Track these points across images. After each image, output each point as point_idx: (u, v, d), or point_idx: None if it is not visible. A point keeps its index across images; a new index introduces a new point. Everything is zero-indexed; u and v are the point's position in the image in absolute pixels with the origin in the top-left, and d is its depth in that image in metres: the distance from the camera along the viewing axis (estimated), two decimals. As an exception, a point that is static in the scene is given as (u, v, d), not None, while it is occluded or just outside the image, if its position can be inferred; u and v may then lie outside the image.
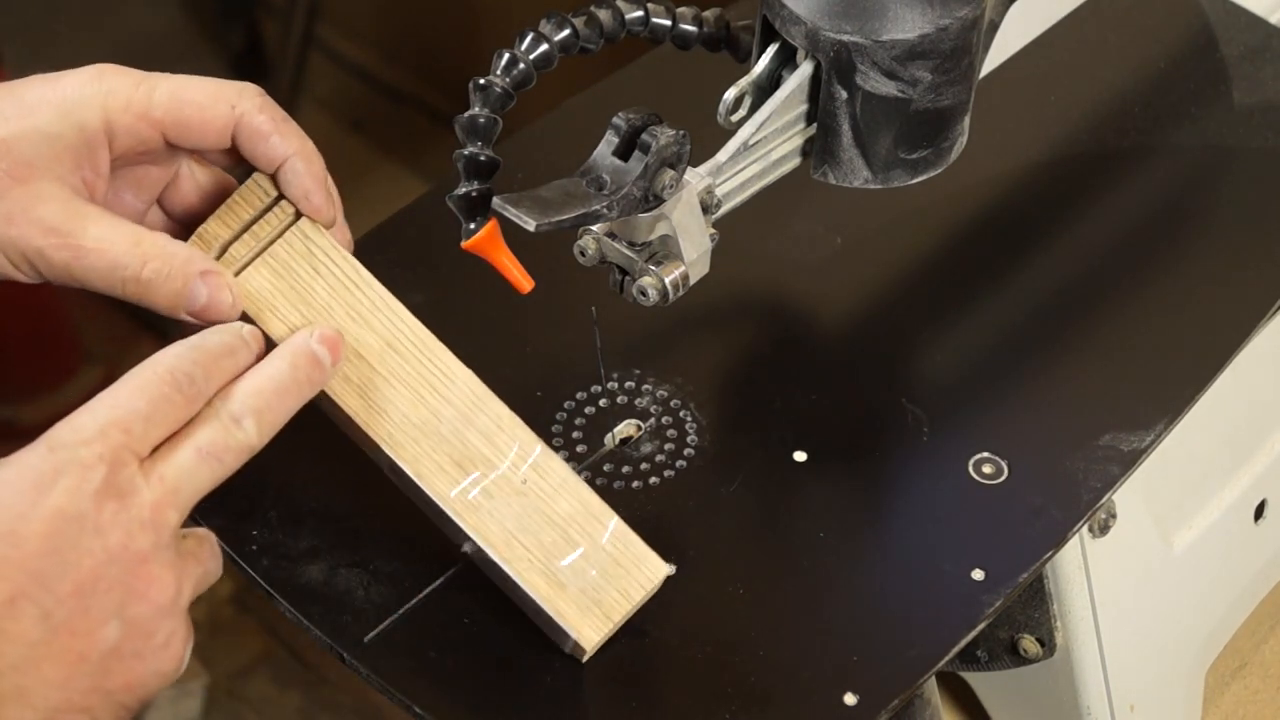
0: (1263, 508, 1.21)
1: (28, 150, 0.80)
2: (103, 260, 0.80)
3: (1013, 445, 0.93)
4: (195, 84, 0.83)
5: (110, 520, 0.71)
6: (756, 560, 0.89)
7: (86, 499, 0.71)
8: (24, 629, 0.69)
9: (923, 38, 0.88)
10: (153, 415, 0.74)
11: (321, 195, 0.85)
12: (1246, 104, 1.12)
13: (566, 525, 0.83)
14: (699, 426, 0.94)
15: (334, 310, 0.84)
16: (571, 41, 0.87)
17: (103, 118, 0.81)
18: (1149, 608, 1.12)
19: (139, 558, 0.72)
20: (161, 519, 0.73)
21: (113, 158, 0.83)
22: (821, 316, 1.02)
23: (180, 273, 0.81)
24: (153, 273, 0.80)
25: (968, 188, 1.06)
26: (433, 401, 0.84)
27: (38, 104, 0.81)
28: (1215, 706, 1.25)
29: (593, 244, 0.88)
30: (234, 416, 0.76)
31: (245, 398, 0.77)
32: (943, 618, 0.86)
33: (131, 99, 0.82)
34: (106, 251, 0.80)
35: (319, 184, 0.85)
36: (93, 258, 0.79)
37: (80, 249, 0.79)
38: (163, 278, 0.80)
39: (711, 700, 0.83)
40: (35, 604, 0.69)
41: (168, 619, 0.73)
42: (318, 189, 0.85)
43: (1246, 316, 1.00)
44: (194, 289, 0.81)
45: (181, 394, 0.75)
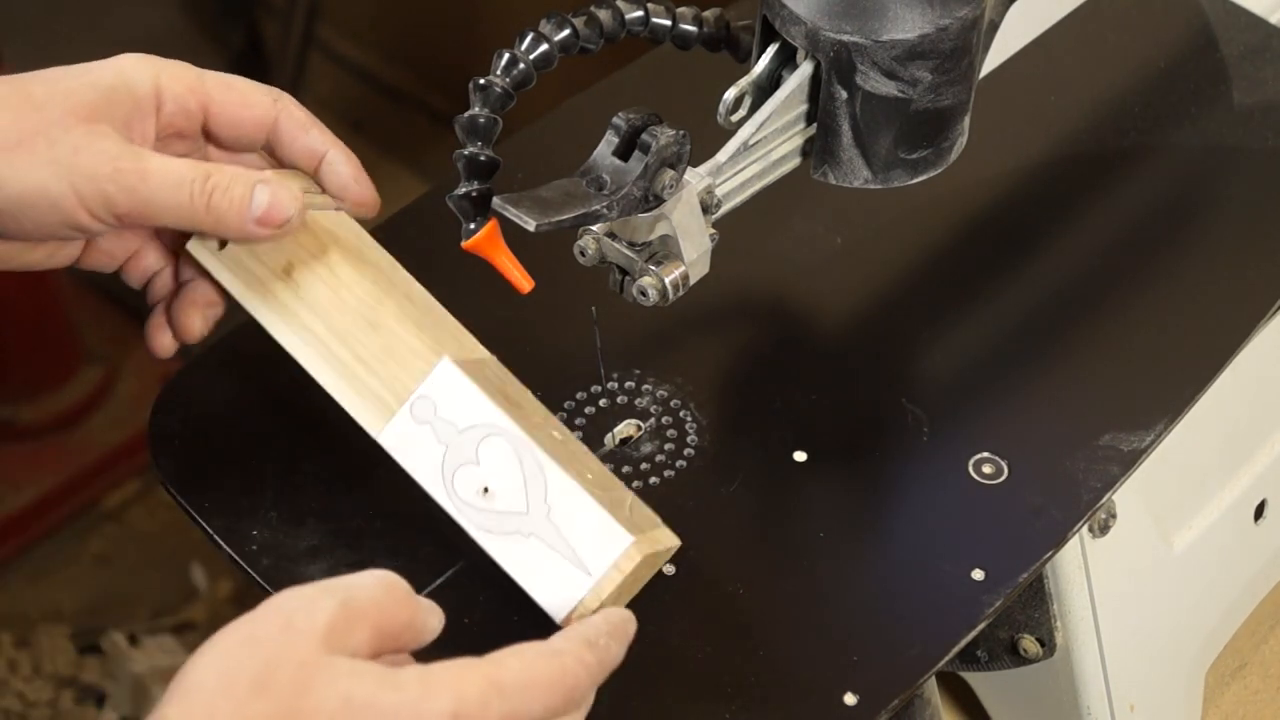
0: (1263, 508, 1.21)
1: (89, 97, 0.84)
2: (169, 178, 0.83)
3: (1013, 445, 0.93)
4: (239, 78, 0.89)
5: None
6: (756, 560, 0.89)
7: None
8: None
9: (923, 38, 0.88)
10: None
11: (365, 182, 0.90)
12: (1246, 104, 1.12)
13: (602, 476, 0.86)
14: (699, 426, 0.94)
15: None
16: (571, 41, 0.87)
17: (155, 85, 0.86)
18: (1149, 608, 1.12)
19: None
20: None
21: (156, 130, 0.86)
22: (821, 316, 1.02)
23: (242, 179, 0.84)
24: (215, 184, 0.83)
25: (968, 188, 1.06)
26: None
27: (92, 69, 0.85)
28: (1215, 706, 1.25)
29: (593, 244, 0.88)
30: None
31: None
32: (943, 618, 0.86)
33: (184, 75, 0.87)
34: (171, 171, 0.83)
35: (360, 172, 0.90)
36: (158, 177, 0.83)
37: (145, 171, 0.83)
38: (224, 186, 0.83)
39: (711, 700, 0.83)
40: None
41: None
42: (361, 176, 0.90)
43: (1246, 316, 1.00)
44: (256, 193, 0.84)
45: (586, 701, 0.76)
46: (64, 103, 0.83)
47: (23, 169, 0.82)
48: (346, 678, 0.69)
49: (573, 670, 0.74)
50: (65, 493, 1.96)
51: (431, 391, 0.85)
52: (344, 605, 0.71)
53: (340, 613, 0.70)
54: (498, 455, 0.84)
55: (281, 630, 0.69)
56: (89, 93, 0.84)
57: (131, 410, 2.00)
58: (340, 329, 0.88)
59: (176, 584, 1.96)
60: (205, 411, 0.94)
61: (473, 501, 0.83)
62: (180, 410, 0.94)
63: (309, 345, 0.87)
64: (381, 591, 0.73)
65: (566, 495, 0.83)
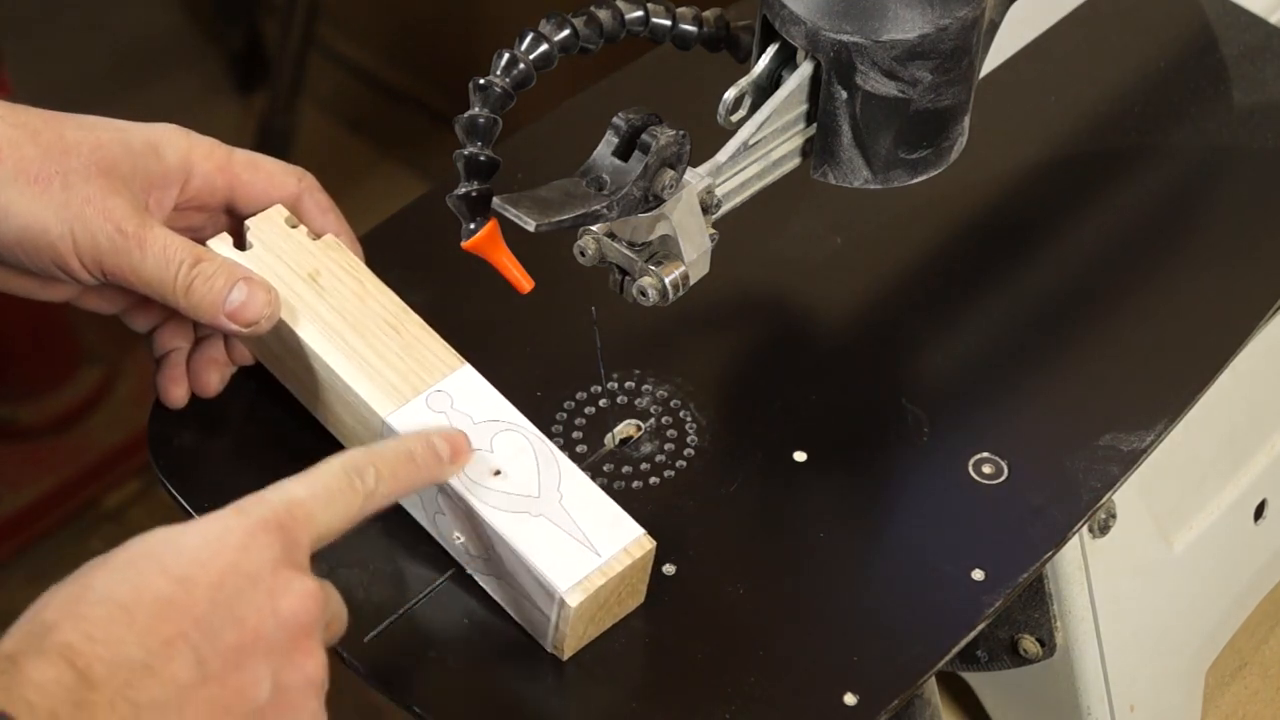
0: (1263, 508, 1.21)
1: (117, 154, 0.87)
2: (161, 254, 0.85)
3: (1013, 445, 0.93)
4: (265, 157, 0.92)
5: (284, 586, 0.72)
6: (756, 560, 0.89)
7: (265, 561, 0.72)
8: (176, 671, 0.68)
9: (923, 38, 0.88)
10: (329, 505, 0.75)
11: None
12: (1246, 104, 1.12)
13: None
14: (699, 426, 0.94)
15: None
16: (571, 41, 0.87)
17: (186, 159, 0.89)
18: (1149, 608, 1.12)
19: (304, 629, 0.72)
20: (324, 600, 0.74)
21: (177, 202, 0.90)
22: (821, 316, 1.02)
23: (226, 273, 0.87)
24: (199, 271, 0.86)
25: (968, 188, 1.06)
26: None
27: (128, 129, 0.88)
28: (1215, 706, 1.25)
29: (593, 244, 0.88)
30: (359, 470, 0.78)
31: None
32: (943, 618, 0.86)
33: (214, 152, 0.90)
34: (165, 248, 0.86)
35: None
36: (152, 250, 0.86)
37: (143, 240, 0.85)
38: (208, 275, 0.86)
39: (711, 700, 0.83)
40: (193, 649, 0.69)
41: (314, 698, 0.73)
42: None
43: (1246, 316, 1.00)
44: (235, 290, 0.86)
45: (355, 492, 0.77)
46: (92, 154, 0.86)
47: (33, 202, 0.84)
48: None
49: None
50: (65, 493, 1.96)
51: (450, 387, 0.86)
52: None
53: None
54: (512, 446, 0.85)
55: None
56: (118, 150, 0.87)
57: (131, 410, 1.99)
58: (362, 327, 0.89)
59: (176, 584, 1.95)
60: (205, 411, 0.94)
61: (482, 481, 0.84)
62: (180, 410, 0.94)
63: (327, 337, 0.88)
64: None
65: (580, 486, 0.84)
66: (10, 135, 0.85)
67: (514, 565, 0.82)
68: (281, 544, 0.72)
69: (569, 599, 0.81)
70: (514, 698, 0.84)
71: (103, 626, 0.68)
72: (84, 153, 0.86)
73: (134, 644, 0.68)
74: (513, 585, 0.83)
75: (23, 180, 0.84)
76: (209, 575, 0.70)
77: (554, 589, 0.81)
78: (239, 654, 0.70)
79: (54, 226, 0.85)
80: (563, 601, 0.81)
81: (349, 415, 0.88)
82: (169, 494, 0.91)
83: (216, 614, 0.70)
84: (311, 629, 0.72)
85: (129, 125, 0.89)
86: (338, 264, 0.91)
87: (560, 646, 0.83)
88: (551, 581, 0.81)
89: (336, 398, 0.88)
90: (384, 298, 0.90)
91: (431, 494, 0.85)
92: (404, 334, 0.89)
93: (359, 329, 0.89)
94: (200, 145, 0.90)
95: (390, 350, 0.88)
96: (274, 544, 0.72)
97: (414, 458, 0.80)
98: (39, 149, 0.85)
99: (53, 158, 0.85)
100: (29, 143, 0.85)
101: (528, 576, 0.82)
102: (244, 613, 0.70)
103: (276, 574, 0.72)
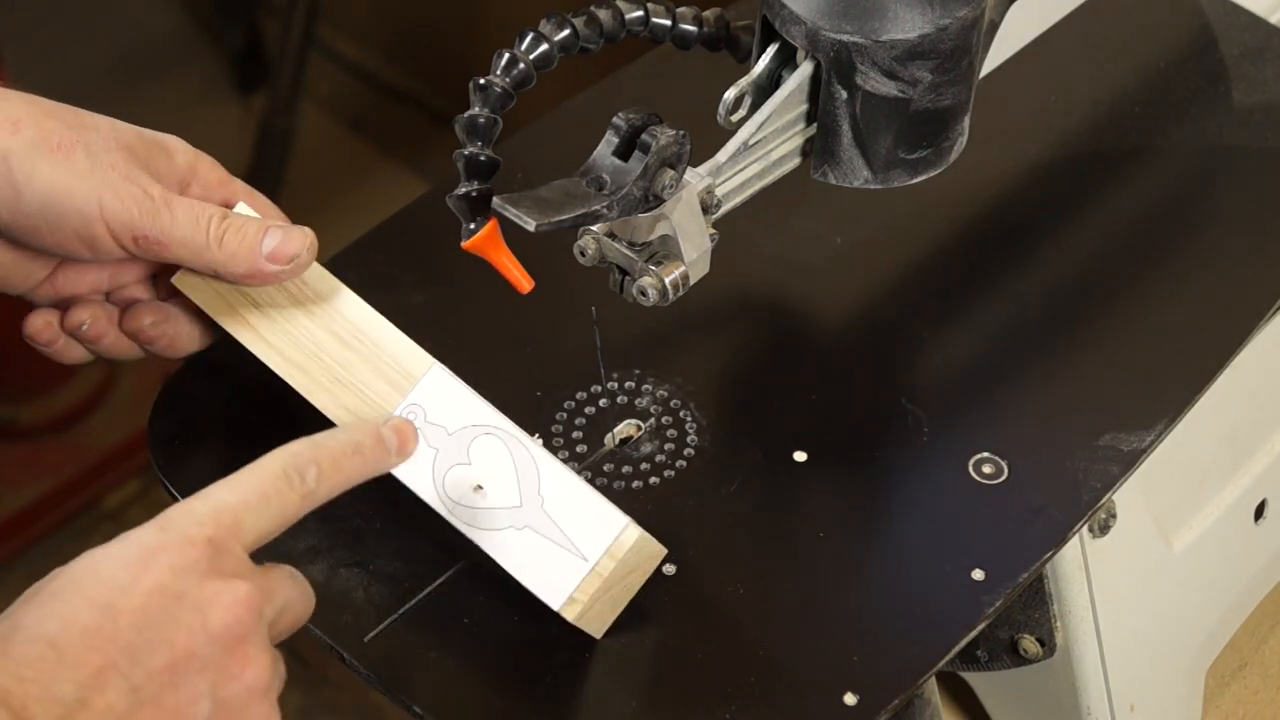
0: (1263, 508, 1.21)
1: (133, 139, 0.88)
2: (190, 213, 0.86)
3: (1013, 445, 0.93)
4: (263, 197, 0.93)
5: (212, 599, 0.71)
6: (756, 560, 0.89)
7: (190, 576, 0.71)
8: (110, 701, 0.68)
9: (923, 38, 0.88)
10: (263, 508, 0.75)
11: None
12: (1246, 104, 1.12)
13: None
14: (699, 426, 0.94)
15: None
16: (571, 41, 0.87)
17: (192, 165, 0.91)
18: (1149, 608, 1.12)
19: (239, 638, 0.71)
20: (261, 602, 0.73)
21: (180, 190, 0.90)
22: (821, 316, 1.02)
23: (256, 223, 0.87)
24: (229, 224, 0.87)
25: (968, 188, 1.06)
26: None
27: (141, 128, 0.89)
28: (1215, 706, 1.25)
29: (593, 244, 0.88)
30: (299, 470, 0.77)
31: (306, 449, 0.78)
32: (943, 618, 0.86)
33: (216, 168, 0.92)
34: (193, 208, 0.86)
35: None
36: (181, 211, 0.86)
37: (171, 202, 0.86)
38: (238, 225, 0.86)
39: (711, 700, 0.83)
40: (124, 677, 0.68)
41: (259, 703, 0.72)
42: None
43: (1246, 316, 1.00)
44: (269, 234, 0.87)
45: (294, 491, 0.76)
46: (111, 130, 0.87)
47: (58, 169, 0.84)
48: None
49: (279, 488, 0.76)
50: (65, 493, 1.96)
51: (421, 399, 0.86)
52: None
53: None
54: (489, 453, 0.85)
55: None
56: (134, 136, 0.88)
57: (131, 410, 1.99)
58: (318, 356, 0.88)
59: (176, 584, 1.95)
60: (205, 411, 0.94)
61: (464, 500, 0.84)
62: (180, 410, 0.94)
63: (294, 372, 0.88)
64: None
65: (560, 484, 0.84)
66: (28, 109, 0.85)
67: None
68: (208, 556, 0.71)
69: (565, 614, 0.82)
70: (514, 697, 0.84)
71: (33, 666, 0.67)
72: (104, 130, 0.86)
73: (65, 680, 0.67)
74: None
75: (45, 148, 0.84)
76: (133, 600, 0.69)
77: (549, 604, 0.82)
78: (172, 675, 0.69)
79: (81, 192, 0.84)
80: (560, 615, 0.82)
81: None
82: (169, 494, 0.91)
83: (144, 638, 0.69)
84: (246, 636, 0.71)
85: (144, 129, 0.89)
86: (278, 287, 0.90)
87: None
88: (544, 599, 0.82)
89: None
90: (327, 315, 0.89)
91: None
92: (361, 350, 0.88)
93: (317, 357, 0.88)
94: (206, 158, 0.91)
95: (353, 374, 0.87)
96: (200, 558, 0.71)
97: (361, 449, 0.79)
98: (59, 124, 0.85)
99: (74, 131, 0.85)
100: (48, 116, 0.85)
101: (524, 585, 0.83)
102: (172, 633, 0.70)
103: (203, 588, 0.71)
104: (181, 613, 0.70)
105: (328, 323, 0.89)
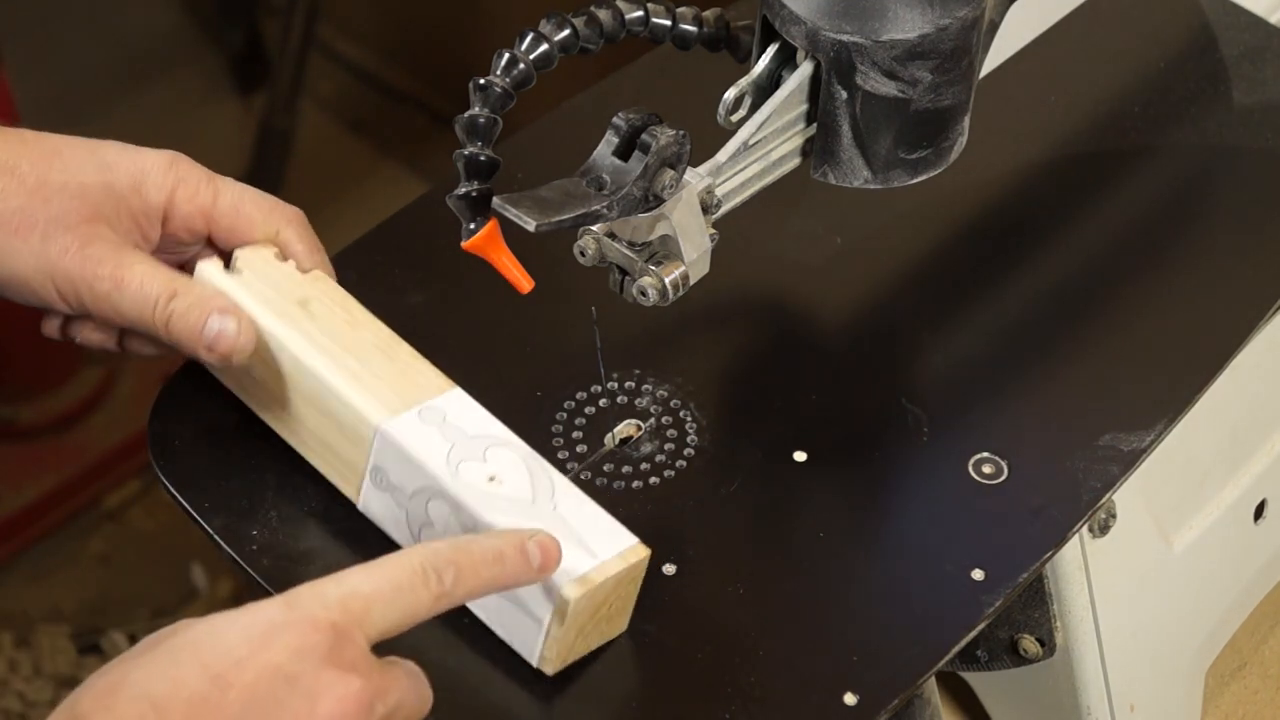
0: (1263, 508, 1.21)
1: (99, 199, 0.89)
2: (139, 292, 0.87)
3: (1013, 445, 0.93)
4: (252, 199, 0.92)
5: (324, 689, 0.70)
6: (756, 560, 0.89)
7: (307, 661, 0.70)
8: None
9: (923, 38, 0.88)
10: (394, 601, 0.73)
11: None
12: (1246, 104, 1.12)
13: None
14: (699, 426, 0.94)
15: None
16: (571, 41, 0.87)
17: (168, 200, 0.90)
18: (1149, 608, 1.12)
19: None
20: (373, 699, 0.72)
21: (161, 235, 0.91)
22: (821, 316, 1.02)
23: (200, 306, 0.87)
24: (174, 308, 0.87)
25: (968, 188, 1.06)
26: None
27: (115, 165, 0.90)
28: (1215, 706, 1.25)
29: (593, 244, 0.88)
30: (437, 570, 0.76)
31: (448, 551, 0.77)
32: (943, 618, 0.86)
33: (198, 193, 0.91)
34: (143, 284, 0.87)
35: None
36: (130, 289, 0.88)
37: (121, 281, 0.87)
38: (182, 311, 0.87)
39: (711, 700, 0.83)
40: None
41: None
42: None
43: (1246, 316, 1.00)
44: (210, 320, 0.87)
45: (428, 590, 0.74)
46: (73, 200, 0.88)
47: (13, 254, 0.88)
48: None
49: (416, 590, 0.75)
50: (65, 493, 1.96)
51: (442, 404, 0.86)
52: None
53: None
54: (505, 459, 0.85)
55: None
56: (100, 194, 0.89)
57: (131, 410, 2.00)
58: (354, 349, 0.89)
59: (176, 584, 1.96)
60: (205, 411, 0.94)
61: (477, 485, 0.84)
62: (180, 410, 0.94)
63: (319, 351, 0.88)
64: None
65: (574, 499, 0.84)
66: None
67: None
68: (329, 643, 0.70)
69: (567, 592, 0.80)
70: (513, 698, 0.84)
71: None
72: (66, 198, 0.88)
73: None
74: (501, 595, 0.83)
75: (5, 231, 0.87)
76: (246, 675, 0.69)
77: (554, 583, 0.81)
78: None
79: (33, 278, 0.88)
80: (561, 596, 0.80)
81: (337, 432, 0.87)
82: (169, 494, 0.91)
83: (249, 717, 0.68)
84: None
85: (118, 159, 0.90)
86: (327, 295, 0.91)
87: (548, 656, 0.82)
88: (551, 577, 0.81)
89: (324, 415, 0.88)
90: (374, 326, 0.90)
91: (422, 505, 0.85)
92: (395, 358, 0.89)
93: (351, 350, 0.88)
94: (186, 183, 0.91)
95: (383, 369, 0.88)
96: (320, 644, 0.70)
97: (503, 559, 0.77)
98: (22, 200, 0.87)
99: (34, 210, 0.87)
100: (13, 193, 0.87)
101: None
102: (278, 716, 0.69)
103: (318, 676, 0.70)
104: (291, 698, 0.69)
105: (366, 334, 0.90)
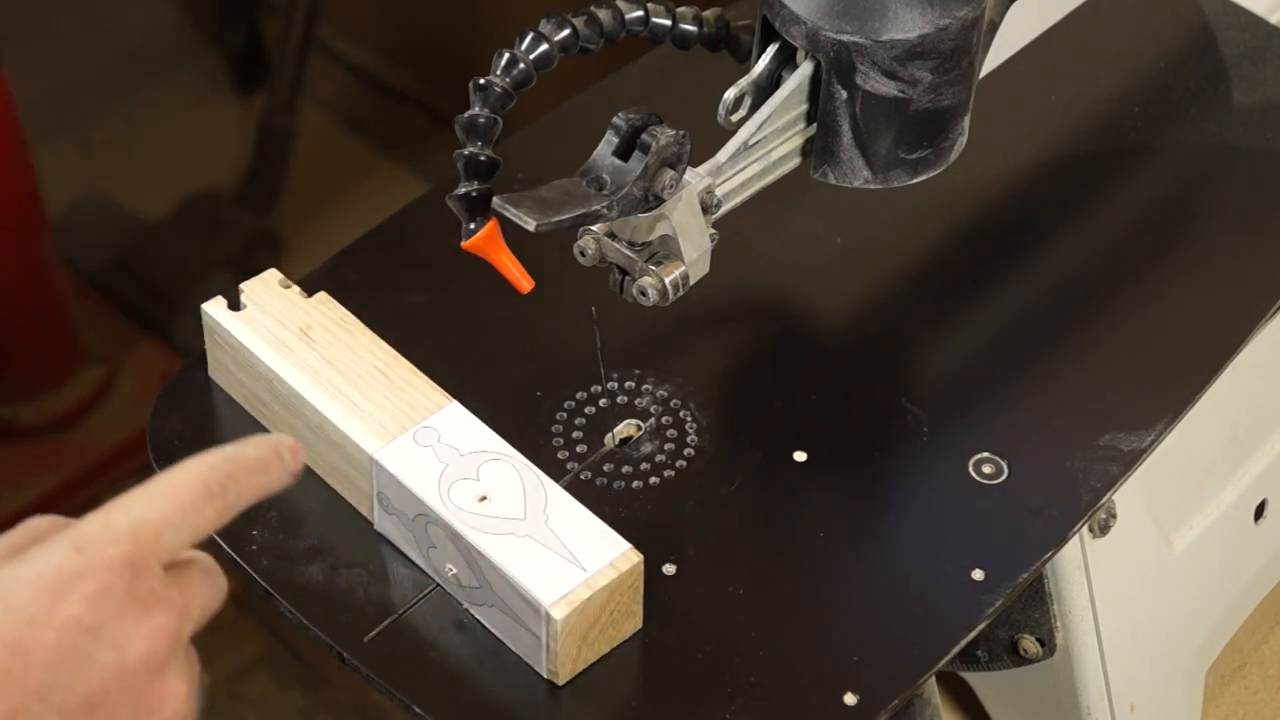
0: (1263, 508, 1.21)
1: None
2: None
3: (1013, 445, 0.93)
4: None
5: (130, 631, 0.67)
6: (756, 560, 0.89)
7: (107, 606, 0.67)
8: None
9: (923, 38, 0.88)
10: (182, 523, 0.70)
11: None
12: (1246, 104, 1.12)
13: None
14: (699, 426, 0.94)
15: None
16: (571, 41, 0.87)
17: None
18: (1149, 608, 1.12)
19: (157, 669, 0.67)
20: (179, 625, 0.69)
21: None
22: (821, 316, 1.02)
23: None
24: None
25: (968, 188, 1.06)
26: None
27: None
28: (1215, 706, 1.25)
29: (593, 244, 0.88)
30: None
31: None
32: (943, 618, 0.86)
33: None
34: None
35: None
36: None
37: None
38: None
39: (711, 700, 0.83)
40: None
41: None
42: None
43: (1246, 316, 1.00)
44: None
45: (212, 505, 0.71)
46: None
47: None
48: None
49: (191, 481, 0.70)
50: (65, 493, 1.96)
51: (437, 423, 0.86)
52: None
53: None
54: (498, 473, 0.85)
55: None
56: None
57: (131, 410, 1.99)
58: (352, 374, 0.90)
59: (176, 584, 1.95)
60: (205, 411, 0.94)
61: (468, 507, 0.84)
62: (180, 410, 0.94)
63: (317, 385, 0.89)
64: None
65: (566, 509, 0.84)
66: None
67: (503, 589, 0.83)
68: (126, 582, 0.67)
69: (554, 613, 0.81)
70: (514, 697, 0.84)
71: None
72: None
73: None
74: (505, 612, 0.83)
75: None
76: (46, 635, 0.65)
77: (539, 604, 0.81)
78: (88, 715, 0.66)
79: None
80: (549, 616, 0.81)
81: (339, 458, 0.89)
82: (169, 494, 0.91)
83: (58, 678, 0.65)
84: (164, 667, 0.68)
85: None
86: (329, 318, 0.92)
87: (555, 669, 0.82)
88: (536, 597, 0.81)
89: (327, 443, 0.89)
90: (374, 346, 0.91)
91: (423, 528, 0.85)
92: (393, 378, 0.90)
93: (349, 376, 0.90)
94: None
95: (379, 394, 0.89)
96: (118, 585, 0.67)
97: (267, 467, 0.73)
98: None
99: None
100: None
101: (515, 597, 0.82)
102: (88, 672, 0.66)
103: (122, 623, 0.67)
104: (97, 650, 0.66)
105: (366, 354, 0.91)
